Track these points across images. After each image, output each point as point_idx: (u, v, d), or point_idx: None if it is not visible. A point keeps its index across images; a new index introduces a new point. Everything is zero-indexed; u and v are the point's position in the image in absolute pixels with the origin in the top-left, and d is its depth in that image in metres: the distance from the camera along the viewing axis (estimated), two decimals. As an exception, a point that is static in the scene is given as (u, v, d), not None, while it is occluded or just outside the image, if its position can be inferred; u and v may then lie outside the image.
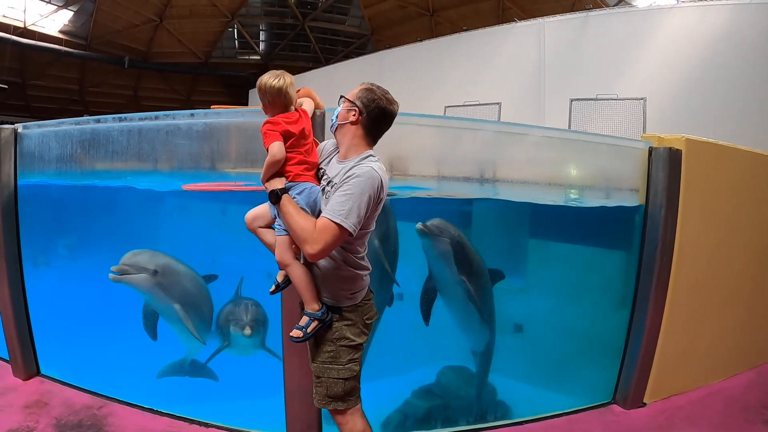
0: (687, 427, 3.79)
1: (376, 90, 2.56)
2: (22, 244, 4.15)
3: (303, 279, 2.51)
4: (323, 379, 2.54)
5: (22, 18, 26.21)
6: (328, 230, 2.33)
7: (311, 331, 2.48)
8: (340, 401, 2.54)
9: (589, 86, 12.17)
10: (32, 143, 4.05)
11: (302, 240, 2.36)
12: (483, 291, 4.26)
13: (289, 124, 2.52)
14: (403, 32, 27.70)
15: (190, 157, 3.62)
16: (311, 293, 2.51)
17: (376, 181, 2.40)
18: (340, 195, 2.37)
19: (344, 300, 2.56)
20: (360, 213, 2.35)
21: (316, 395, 2.57)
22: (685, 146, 3.94)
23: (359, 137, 2.54)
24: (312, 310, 2.49)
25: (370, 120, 2.53)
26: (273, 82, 2.59)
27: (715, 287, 4.42)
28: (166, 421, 3.64)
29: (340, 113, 2.57)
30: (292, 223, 2.40)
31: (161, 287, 4.16)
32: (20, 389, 4.03)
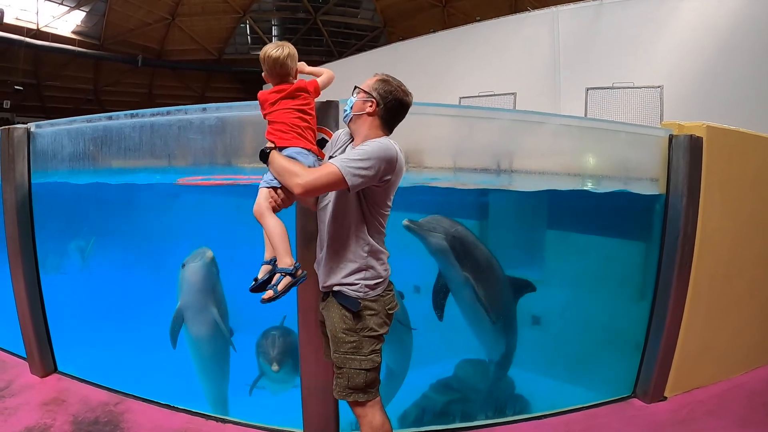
0: (710, 421, 3.72)
1: (392, 81, 2.56)
2: (38, 242, 4.17)
3: (278, 230, 2.47)
4: (345, 369, 2.50)
5: (35, 20, 26.53)
6: (325, 170, 2.34)
7: (283, 289, 2.40)
8: (361, 392, 2.51)
9: (605, 75, 12.01)
10: (45, 142, 4.07)
11: (292, 175, 2.36)
12: (493, 292, 4.19)
13: (274, 103, 2.63)
14: (415, 24, 27.60)
15: (203, 152, 3.61)
16: (285, 246, 2.46)
17: (391, 152, 2.39)
18: (351, 152, 2.41)
19: (368, 291, 2.52)
20: (365, 173, 2.33)
21: (337, 386, 2.54)
22: (706, 134, 3.86)
23: (376, 128, 2.53)
24: (284, 265, 2.43)
25: (387, 111, 2.52)
26: (272, 51, 2.66)
27: (736, 279, 4.33)
28: (183, 418, 3.64)
29: (356, 104, 2.56)
30: (283, 167, 2.42)
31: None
32: (37, 387, 4.06)
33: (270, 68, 2.69)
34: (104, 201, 4.81)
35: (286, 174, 2.39)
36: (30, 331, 4.14)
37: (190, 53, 32.03)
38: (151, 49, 30.97)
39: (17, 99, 27.71)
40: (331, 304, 2.56)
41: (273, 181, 2.51)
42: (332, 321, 2.55)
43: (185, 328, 4.35)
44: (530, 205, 4.72)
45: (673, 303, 3.91)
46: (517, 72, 14.06)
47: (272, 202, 2.51)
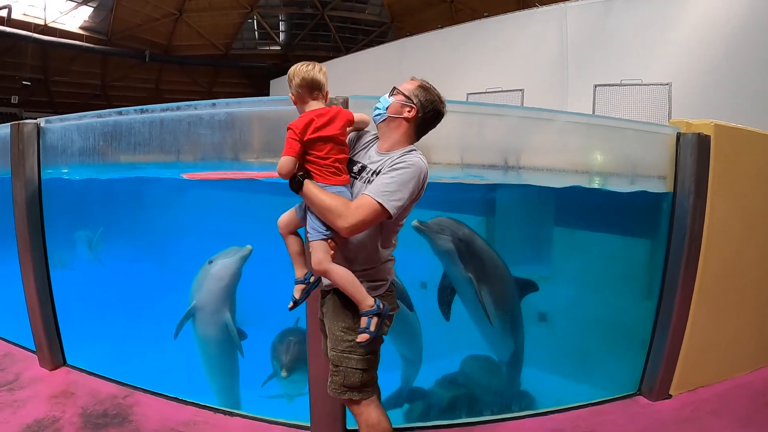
0: (713, 420, 3.72)
1: (432, 90, 2.53)
2: (47, 237, 4.19)
3: (349, 278, 2.40)
4: (341, 368, 2.48)
5: (43, 16, 26.71)
6: (366, 206, 2.27)
7: (375, 327, 2.38)
8: (356, 391, 2.49)
9: (613, 72, 12.00)
10: (55, 137, 4.09)
11: (336, 215, 2.27)
12: (498, 294, 4.19)
13: (316, 129, 2.37)
14: (423, 20, 27.61)
15: (213, 147, 3.62)
16: (361, 290, 2.40)
17: (423, 173, 2.36)
18: (386, 178, 2.32)
19: (369, 292, 2.45)
20: (403, 198, 2.30)
21: (332, 384, 2.51)
22: (714, 132, 3.84)
23: (408, 135, 2.49)
24: (368, 307, 2.39)
25: (424, 120, 2.49)
26: (301, 68, 2.52)
27: (742, 277, 4.31)
28: (191, 410, 3.65)
29: (393, 106, 2.50)
30: (322, 202, 2.31)
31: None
32: (46, 379, 4.07)
33: (300, 86, 2.50)
34: (113, 196, 4.84)
35: (327, 212, 2.30)
36: (39, 324, 4.16)
37: (198, 48, 32.11)
38: (158, 45, 31.08)
39: (25, 94, 27.95)
40: (331, 303, 2.54)
41: (327, 232, 2.37)
42: (331, 319, 2.54)
43: (196, 325, 4.40)
44: (536, 202, 4.72)
45: (679, 301, 3.90)
46: (525, 68, 14.05)
47: (332, 254, 2.41)
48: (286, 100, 2.82)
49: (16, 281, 4.26)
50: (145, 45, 30.35)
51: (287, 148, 2.34)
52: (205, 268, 4.38)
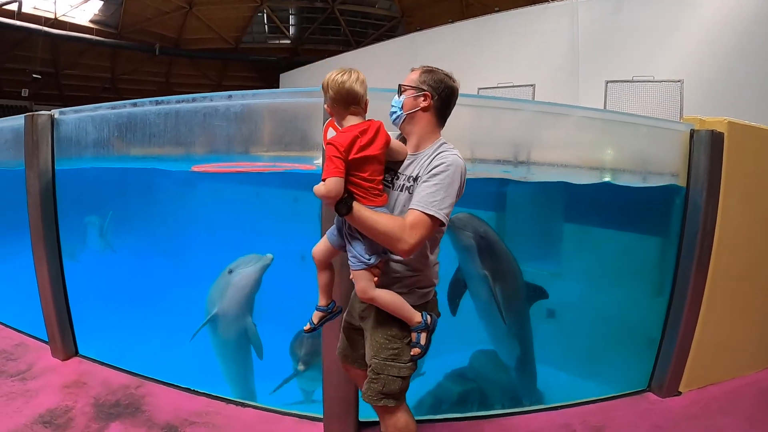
0: (722, 418, 3.73)
1: (437, 69, 2.45)
2: (60, 227, 4.22)
3: (396, 301, 2.37)
4: (382, 376, 2.42)
5: (53, 9, 26.82)
6: (421, 223, 2.20)
7: (426, 342, 2.38)
8: (392, 399, 2.45)
9: (625, 68, 11.89)
10: (69, 128, 4.10)
11: (394, 239, 2.19)
12: (510, 295, 4.18)
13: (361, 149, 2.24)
14: (433, 14, 27.46)
15: (228, 140, 3.62)
16: (409, 309, 2.38)
17: (461, 169, 2.29)
18: (430, 186, 2.24)
19: (417, 299, 2.45)
20: (451, 203, 2.25)
21: (369, 391, 2.45)
22: (727, 129, 3.83)
23: (431, 124, 2.42)
24: (417, 323, 2.37)
25: (441, 102, 2.41)
26: (338, 77, 2.31)
27: (754, 276, 4.30)
28: (203, 401, 3.68)
29: (406, 102, 2.43)
30: (377, 225, 2.21)
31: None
32: (59, 369, 4.11)
33: (335, 99, 2.34)
34: (126, 187, 4.86)
35: (383, 236, 2.22)
36: (52, 314, 4.19)
37: (207, 42, 32.15)
38: (168, 38, 31.14)
39: (35, 87, 28.10)
40: (376, 311, 2.47)
41: (369, 260, 2.31)
42: (375, 327, 2.48)
43: (216, 331, 4.44)
44: (548, 197, 4.71)
45: (691, 298, 3.89)
46: (536, 64, 13.98)
47: (376, 280, 2.36)
48: (302, 92, 2.81)
49: (28, 272, 4.29)
50: (155, 38, 30.42)
51: (332, 168, 2.17)
52: (226, 277, 4.39)
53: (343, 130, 2.31)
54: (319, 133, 3.07)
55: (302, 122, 3.40)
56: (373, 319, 2.48)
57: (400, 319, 2.39)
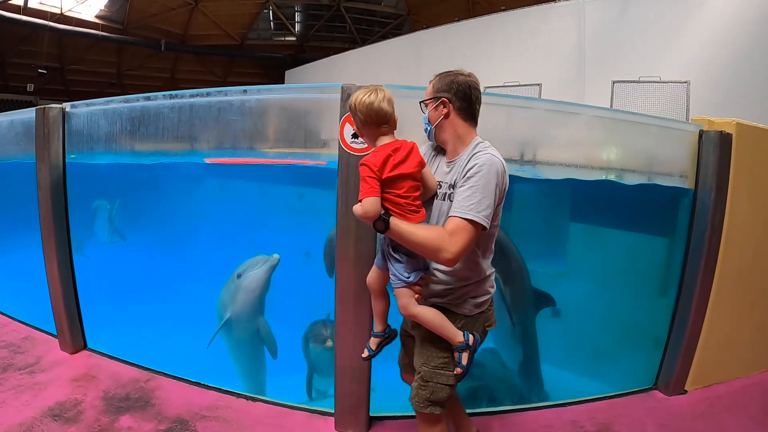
0: (728, 417, 3.75)
1: (446, 73, 2.46)
2: (71, 222, 4.22)
3: (438, 319, 2.37)
4: (431, 384, 2.42)
5: (59, 4, 26.80)
6: (461, 229, 2.18)
7: (467, 362, 2.37)
8: (439, 406, 2.44)
9: (631, 68, 11.87)
10: (80, 122, 4.11)
11: (435, 249, 2.18)
12: (518, 295, 4.21)
13: (395, 167, 2.26)
14: (440, 12, 27.38)
15: (242, 134, 3.64)
16: (450, 327, 2.37)
17: (498, 167, 2.24)
18: (465, 189, 2.22)
19: (472, 309, 2.44)
20: (490, 204, 2.21)
21: (417, 397, 2.45)
22: (736, 130, 3.84)
23: (460, 125, 2.41)
24: (459, 342, 2.37)
25: (460, 100, 2.40)
26: (365, 97, 2.33)
27: (761, 276, 4.31)
28: (213, 395, 3.69)
29: (430, 115, 2.45)
30: (416, 238, 2.21)
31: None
32: (68, 363, 4.11)
33: (365, 121, 2.35)
34: (137, 181, 4.88)
35: (424, 247, 2.22)
36: (61, 308, 4.21)
37: (213, 38, 32.14)
38: (174, 34, 31.15)
39: (41, 82, 28.13)
40: None
41: (409, 278, 2.34)
42: (426, 335, 2.46)
43: (230, 333, 4.47)
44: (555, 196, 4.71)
45: (698, 298, 3.91)
46: (543, 63, 13.97)
47: (417, 297, 2.38)
48: (315, 87, 2.83)
49: (34, 265, 4.31)
50: (160, 34, 30.43)
51: (368, 188, 2.21)
52: (236, 282, 4.40)
53: (375, 150, 2.32)
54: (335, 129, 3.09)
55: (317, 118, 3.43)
56: (424, 327, 2.45)
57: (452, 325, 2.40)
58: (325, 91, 3.26)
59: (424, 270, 2.37)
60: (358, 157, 3.01)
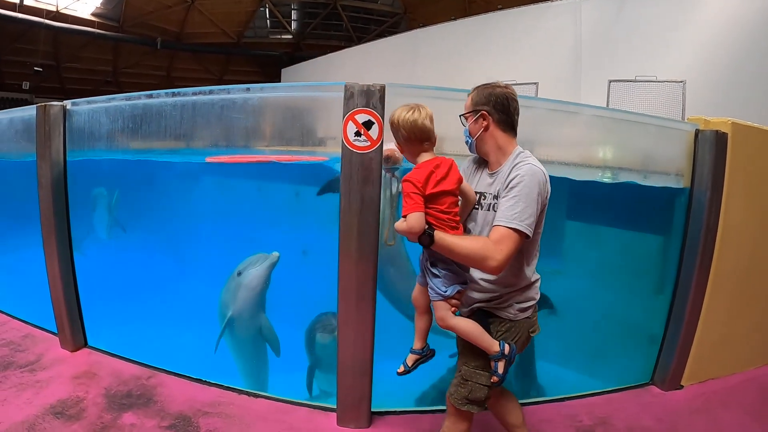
0: (724, 412, 3.80)
1: (484, 85, 2.50)
2: (72, 219, 4.22)
3: (475, 329, 2.42)
4: (470, 383, 2.46)
5: (55, 2, 26.71)
6: (506, 238, 2.24)
7: (503, 371, 2.40)
8: (476, 405, 2.48)
9: (628, 67, 11.92)
10: (81, 120, 4.11)
11: (481, 258, 2.24)
12: None
13: (437, 183, 2.32)
14: (436, 11, 27.37)
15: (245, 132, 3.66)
16: (487, 337, 2.41)
17: (539, 176, 2.30)
18: (509, 200, 2.28)
19: (517, 313, 2.47)
20: (533, 213, 2.27)
21: (456, 394, 2.50)
22: (731, 130, 3.90)
23: (500, 137, 2.46)
24: (495, 352, 2.39)
25: (499, 112, 2.44)
26: (408, 115, 2.38)
27: (757, 273, 4.37)
28: (215, 392, 3.71)
29: (471, 129, 2.50)
30: (461, 249, 2.27)
31: None
32: (69, 360, 4.11)
33: (408, 138, 2.41)
34: (137, 178, 4.89)
35: (470, 257, 2.28)
36: (62, 305, 4.21)
37: (209, 36, 32.08)
38: (170, 32, 31.07)
39: (36, 80, 28.03)
40: (476, 320, 2.49)
41: (446, 292, 2.39)
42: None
43: (233, 332, 4.47)
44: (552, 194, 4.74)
45: (693, 295, 3.96)
46: (539, 62, 14.00)
47: (454, 310, 2.45)
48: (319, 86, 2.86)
49: (33, 264, 4.32)
50: (156, 32, 30.35)
51: (412, 204, 2.27)
52: (236, 280, 4.42)
53: (417, 167, 2.37)
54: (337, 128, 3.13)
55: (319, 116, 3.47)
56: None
57: (492, 327, 2.45)
58: (328, 89, 3.30)
59: (461, 285, 2.42)
60: (360, 155, 3.06)
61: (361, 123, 3.02)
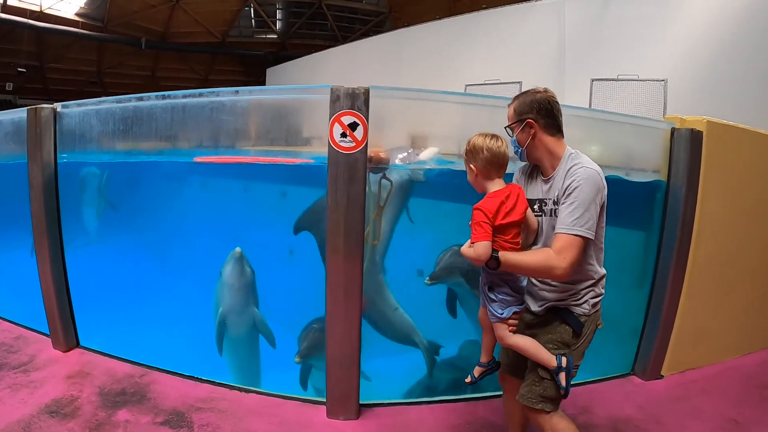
0: (704, 399, 3.90)
1: (525, 93, 2.55)
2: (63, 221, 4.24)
3: (533, 345, 2.50)
4: (547, 380, 2.48)
5: (38, 2, 26.44)
6: (569, 245, 2.30)
7: (566, 383, 2.45)
8: (550, 403, 2.50)
9: (610, 66, 12.08)
10: (72, 122, 4.14)
11: (547, 270, 2.33)
12: None
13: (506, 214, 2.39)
14: (421, 10, 27.42)
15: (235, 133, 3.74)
16: (544, 352, 2.48)
17: (596, 178, 2.35)
18: (567, 206, 2.34)
19: (590, 309, 2.51)
20: (592, 216, 2.32)
21: (530, 393, 2.52)
22: (707, 128, 4.01)
23: (550, 141, 2.49)
24: (554, 366, 2.46)
25: (544, 117, 2.48)
26: (489, 143, 2.44)
27: (733, 265, 4.49)
28: (207, 388, 3.76)
29: (519, 138, 2.53)
30: (527, 265, 2.37)
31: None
32: (62, 361, 4.13)
33: (489, 162, 2.45)
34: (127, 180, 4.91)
35: (537, 271, 2.39)
36: (54, 306, 4.23)
37: (194, 36, 31.89)
38: (154, 32, 30.86)
39: (20, 81, 27.70)
40: (545, 319, 2.55)
41: (502, 315, 2.51)
42: (544, 333, 2.54)
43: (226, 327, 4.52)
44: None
45: (671, 287, 4.08)
46: (523, 61, 14.07)
47: (511, 329, 2.54)
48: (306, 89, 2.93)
49: (24, 265, 4.37)
50: (141, 32, 30.12)
51: (482, 233, 2.35)
52: (220, 280, 4.50)
53: (489, 195, 2.44)
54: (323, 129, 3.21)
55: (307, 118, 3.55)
56: (543, 325, 2.56)
57: (569, 328, 2.49)
58: (315, 92, 3.39)
59: (517, 306, 2.54)
60: (346, 155, 3.15)
61: (346, 125, 3.10)
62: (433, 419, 3.51)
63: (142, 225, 5.29)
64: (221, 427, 3.29)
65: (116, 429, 3.22)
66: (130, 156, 4.16)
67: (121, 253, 5.18)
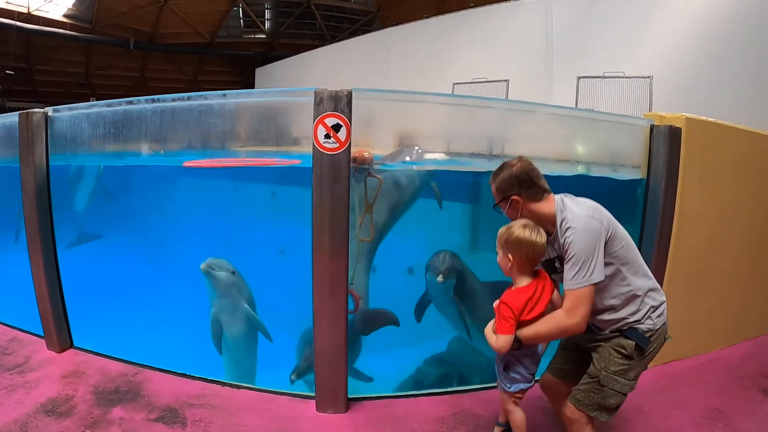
0: (687, 390, 3.98)
1: (500, 170, 2.61)
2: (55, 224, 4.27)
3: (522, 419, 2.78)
4: (606, 389, 2.51)
5: (26, 3, 26.27)
6: (577, 300, 2.35)
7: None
8: (605, 412, 2.55)
9: (597, 64, 12.20)
10: (63, 126, 4.17)
11: (562, 332, 2.44)
12: (475, 309, 4.43)
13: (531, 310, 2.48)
14: (409, 9, 27.37)
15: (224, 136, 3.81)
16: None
17: (586, 226, 2.38)
18: (570, 265, 2.37)
19: (657, 321, 2.54)
20: (594, 261, 2.33)
21: (586, 399, 2.56)
22: (685, 124, 4.07)
23: (539, 207, 2.54)
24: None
25: (526, 189, 2.53)
26: (534, 236, 2.47)
27: (714, 258, 4.56)
28: (199, 385, 3.83)
29: (509, 214, 2.60)
30: (545, 335, 2.50)
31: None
32: (56, 361, 4.17)
33: (532, 254, 2.49)
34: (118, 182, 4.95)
35: (554, 336, 2.53)
36: (48, 308, 4.27)
37: (183, 36, 31.76)
38: (143, 33, 30.72)
39: (8, 83, 27.52)
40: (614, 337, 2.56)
41: (509, 389, 2.73)
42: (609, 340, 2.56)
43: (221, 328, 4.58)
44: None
45: (653, 279, 4.15)
46: (511, 59, 14.16)
47: (514, 401, 2.76)
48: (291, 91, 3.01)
49: (15, 268, 4.40)
50: (129, 33, 29.97)
51: (506, 327, 2.45)
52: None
53: (518, 291, 2.53)
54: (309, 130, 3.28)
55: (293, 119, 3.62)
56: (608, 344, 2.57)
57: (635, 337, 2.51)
58: (300, 94, 3.46)
59: (525, 384, 2.74)
60: (330, 155, 3.23)
61: (330, 126, 3.18)
62: (420, 411, 3.58)
63: (132, 226, 5.33)
64: (214, 422, 3.36)
65: (111, 426, 3.28)
66: (121, 158, 4.19)
67: (112, 255, 5.21)
